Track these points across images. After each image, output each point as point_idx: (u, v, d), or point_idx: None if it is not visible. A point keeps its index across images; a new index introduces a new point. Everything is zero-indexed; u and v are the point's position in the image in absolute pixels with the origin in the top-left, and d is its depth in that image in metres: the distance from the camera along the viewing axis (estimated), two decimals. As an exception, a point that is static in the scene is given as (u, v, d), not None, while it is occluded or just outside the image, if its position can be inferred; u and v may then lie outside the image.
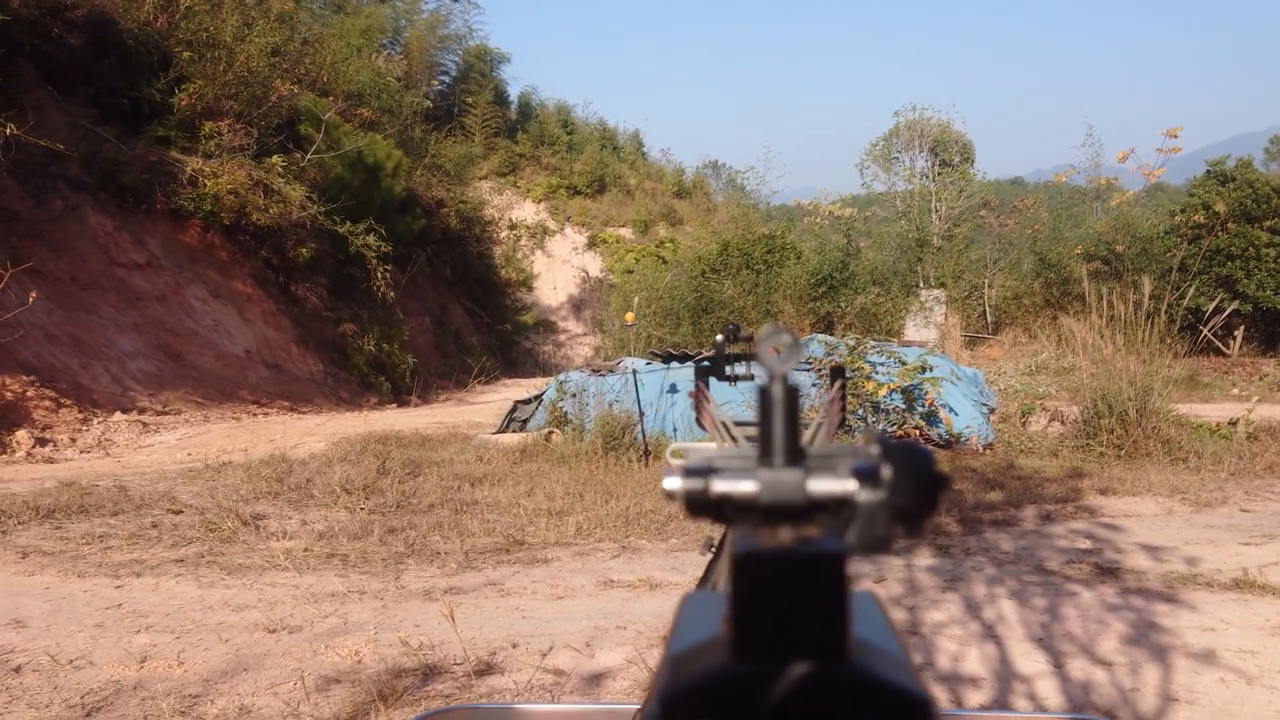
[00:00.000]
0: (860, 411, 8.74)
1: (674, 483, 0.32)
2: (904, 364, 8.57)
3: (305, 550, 5.26)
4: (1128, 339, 8.35)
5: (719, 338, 1.05)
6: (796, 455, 0.32)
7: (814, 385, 9.07)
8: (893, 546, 0.32)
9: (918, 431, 8.59)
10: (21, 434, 9.66)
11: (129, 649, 3.72)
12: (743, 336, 1.05)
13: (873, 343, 9.15)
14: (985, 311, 21.04)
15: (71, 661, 3.57)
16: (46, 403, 10.52)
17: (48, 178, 12.72)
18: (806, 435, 0.95)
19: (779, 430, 0.32)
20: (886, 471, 0.32)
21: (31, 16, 12.91)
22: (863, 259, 21.32)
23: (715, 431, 0.95)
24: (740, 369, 1.05)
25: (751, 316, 19.14)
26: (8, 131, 10.80)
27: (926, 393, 8.45)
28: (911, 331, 18.52)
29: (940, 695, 3.11)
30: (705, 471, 0.32)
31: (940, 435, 8.62)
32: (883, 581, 4.57)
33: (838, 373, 0.99)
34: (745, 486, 0.31)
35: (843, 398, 1.00)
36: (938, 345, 16.51)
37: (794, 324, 18.08)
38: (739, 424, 0.94)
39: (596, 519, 5.74)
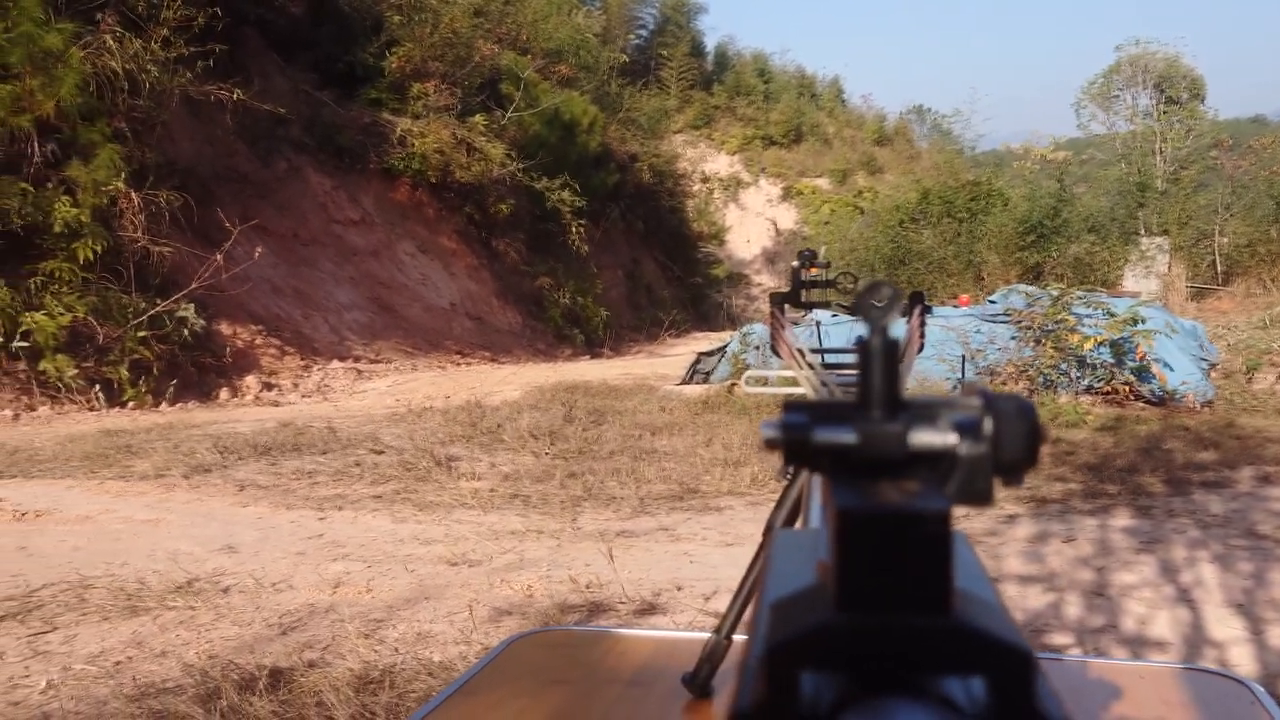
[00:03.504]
0: (1063, 366, 8.28)
1: (773, 431, 0.32)
2: (1113, 315, 8.03)
3: (491, 491, 5.49)
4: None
5: (794, 264, 1.02)
6: (896, 407, 0.31)
7: (1013, 339, 8.66)
8: (993, 499, 0.31)
9: (1127, 388, 8.07)
10: (250, 379, 10.52)
11: (325, 575, 4.01)
12: (820, 263, 1.02)
13: (1078, 293, 8.62)
14: (1215, 261, 19.39)
15: (274, 585, 3.89)
16: (273, 350, 11.40)
17: (273, 140, 13.67)
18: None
19: (878, 381, 0.32)
20: (988, 425, 0.31)
21: (256, -13, 13.83)
22: (1077, 205, 20.05)
23: (791, 359, 0.93)
24: (816, 295, 1.02)
25: (952, 267, 18.40)
26: (235, 97, 11.63)
27: (1137, 346, 7.90)
28: (1130, 282, 17.31)
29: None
30: (806, 423, 0.32)
31: (1152, 392, 8.05)
32: (1072, 541, 4.34)
33: (916, 298, 0.96)
34: (846, 438, 0.31)
35: (922, 324, 0.95)
36: (1159, 297, 15.39)
37: (999, 275, 17.26)
38: (814, 351, 0.92)
39: (773, 470, 5.72)
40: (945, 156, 32.27)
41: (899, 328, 0.98)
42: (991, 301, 9.94)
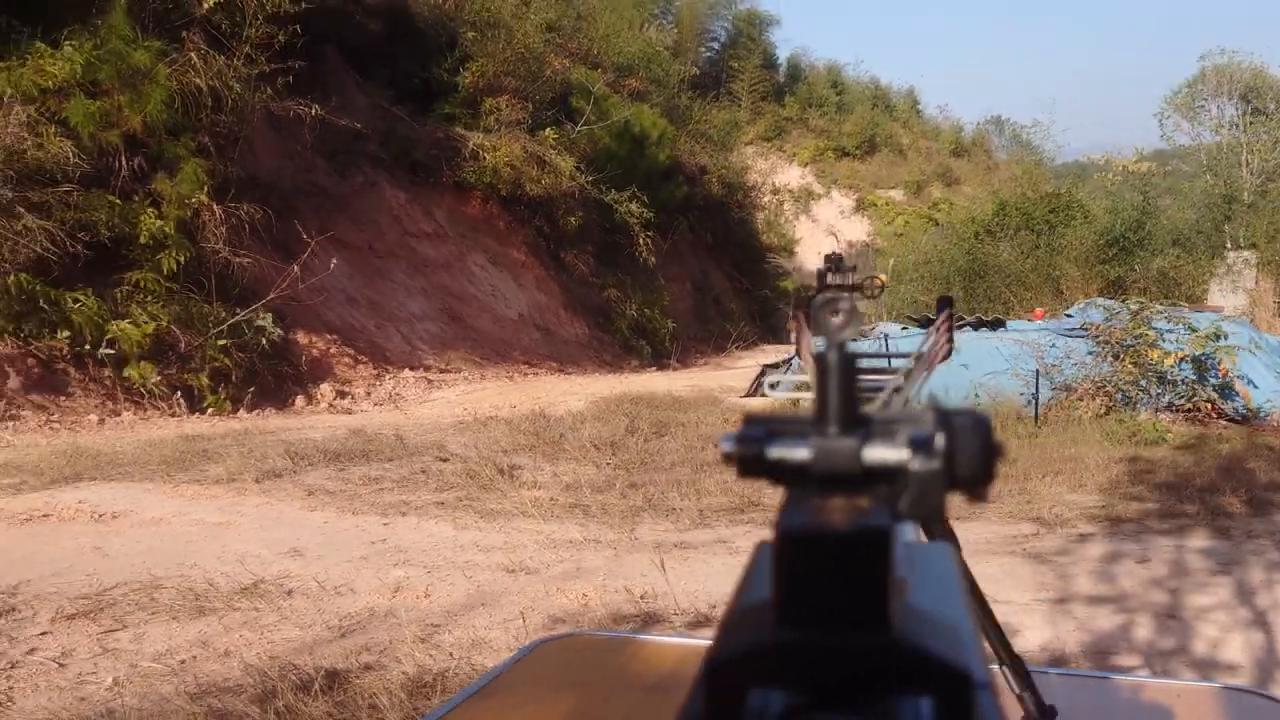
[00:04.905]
0: (1143, 382, 8.05)
1: (729, 445, 0.32)
2: (1194, 331, 7.79)
3: (551, 500, 5.52)
4: None
5: (820, 268, 1.02)
6: (852, 423, 0.32)
7: (1090, 354, 8.43)
8: (946, 514, 0.32)
9: (1209, 405, 7.81)
10: (325, 387, 10.74)
11: (385, 580, 4.07)
12: (847, 268, 1.01)
13: (1159, 308, 8.38)
14: (1307, 275, 18.65)
15: (336, 588, 3.95)
16: (346, 360, 11.63)
17: (350, 155, 13.95)
18: (903, 370, 0.90)
19: (834, 397, 0.32)
20: (940, 440, 0.32)
21: (336, 5, 14.14)
22: (1161, 218, 19.53)
23: (811, 364, 0.92)
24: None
25: (1030, 280, 18.04)
26: (314, 113, 11.92)
27: (1220, 362, 7.64)
28: (1216, 297, 16.77)
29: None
30: (760, 437, 0.32)
31: (1236, 409, 7.79)
32: (1146, 562, 4.21)
33: (944, 303, 0.95)
34: (799, 453, 0.31)
35: (949, 328, 0.94)
36: (1246, 312, 14.88)
37: (1079, 289, 16.86)
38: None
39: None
40: (1024, 168, 31.67)
41: (925, 333, 0.96)
42: (1069, 315, 9.72)
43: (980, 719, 0.25)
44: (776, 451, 0.31)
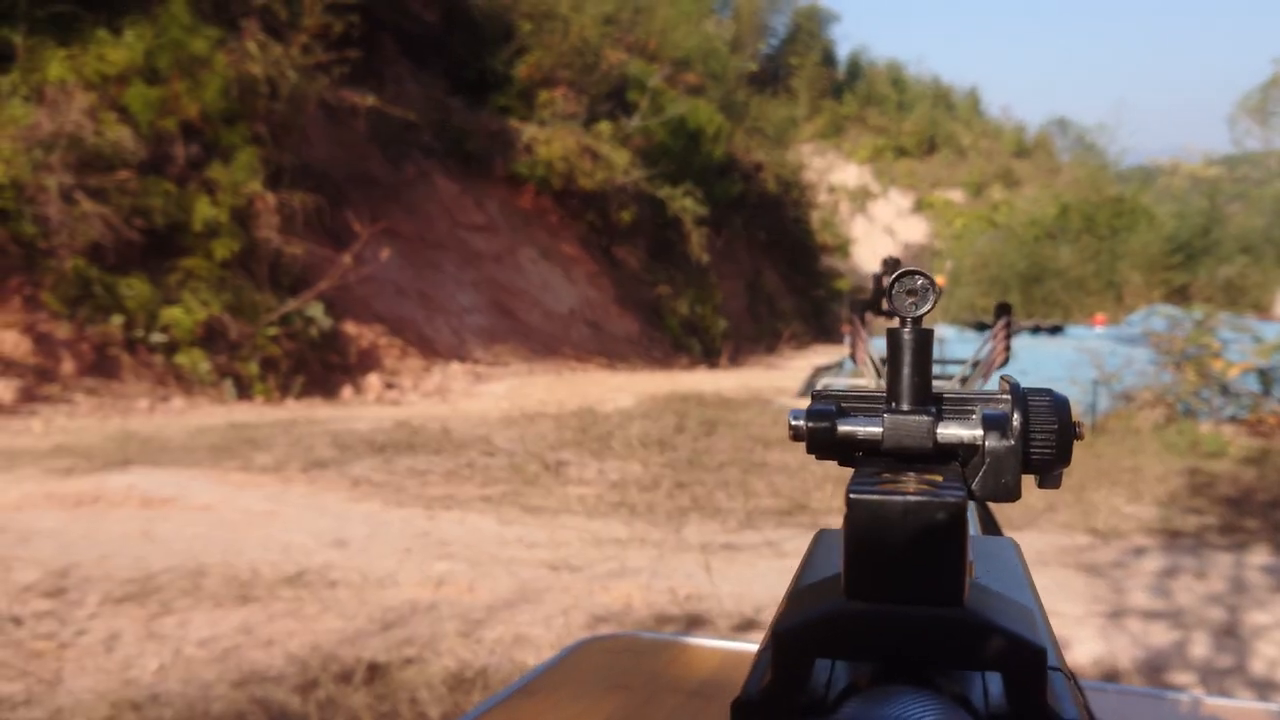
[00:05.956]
0: (1205, 393, 7.84)
1: (799, 420, 0.32)
2: (1260, 341, 7.58)
3: (597, 497, 5.48)
4: None
5: (878, 271, 0.98)
6: (925, 400, 0.31)
7: (1152, 363, 8.24)
8: (1019, 495, 0.31)
9: (1275, 418, 7.58)
10: (373, 378, 10.81)
11: (429, 573, 4.05)
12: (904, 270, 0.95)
13: (1224, 316, 8.17)
14: (1381, 285, 18.08)
15: (379, 580, 3.94)
16: (395, 351, 11.70)
17: (404, 145, 14.03)
18: (959, 376, 0.86)
19: (907, 374, 0.31)
20: (1016, 420, 0.31)
21: (394, -4, 14.25)
22: (1229, 225, 19.07)
23: (871, 370, 0.88)
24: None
25: (1091, 285, 17.74)
26: (369, 103, 12.00)
27: (1287, 374, 7.42)
28: (1283, 306, 16.34)
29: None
30: (831, 412, 0.32)
31: (1304, 423, 7.54)
32: (1204, 578, 4.07)
33: (1002, 309, 0.91)
34: (870, 429, 0.31)
35: (1007, 336, 0.91)
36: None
37: (1142, 295, 16.51)
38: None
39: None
40: (1088, 171, 31.12)
41: (983, 339, 0.92)
42: (1129, 322, 9.50)
43: (1054, 700, 0.24)
44: (847, 427, 0.31)
